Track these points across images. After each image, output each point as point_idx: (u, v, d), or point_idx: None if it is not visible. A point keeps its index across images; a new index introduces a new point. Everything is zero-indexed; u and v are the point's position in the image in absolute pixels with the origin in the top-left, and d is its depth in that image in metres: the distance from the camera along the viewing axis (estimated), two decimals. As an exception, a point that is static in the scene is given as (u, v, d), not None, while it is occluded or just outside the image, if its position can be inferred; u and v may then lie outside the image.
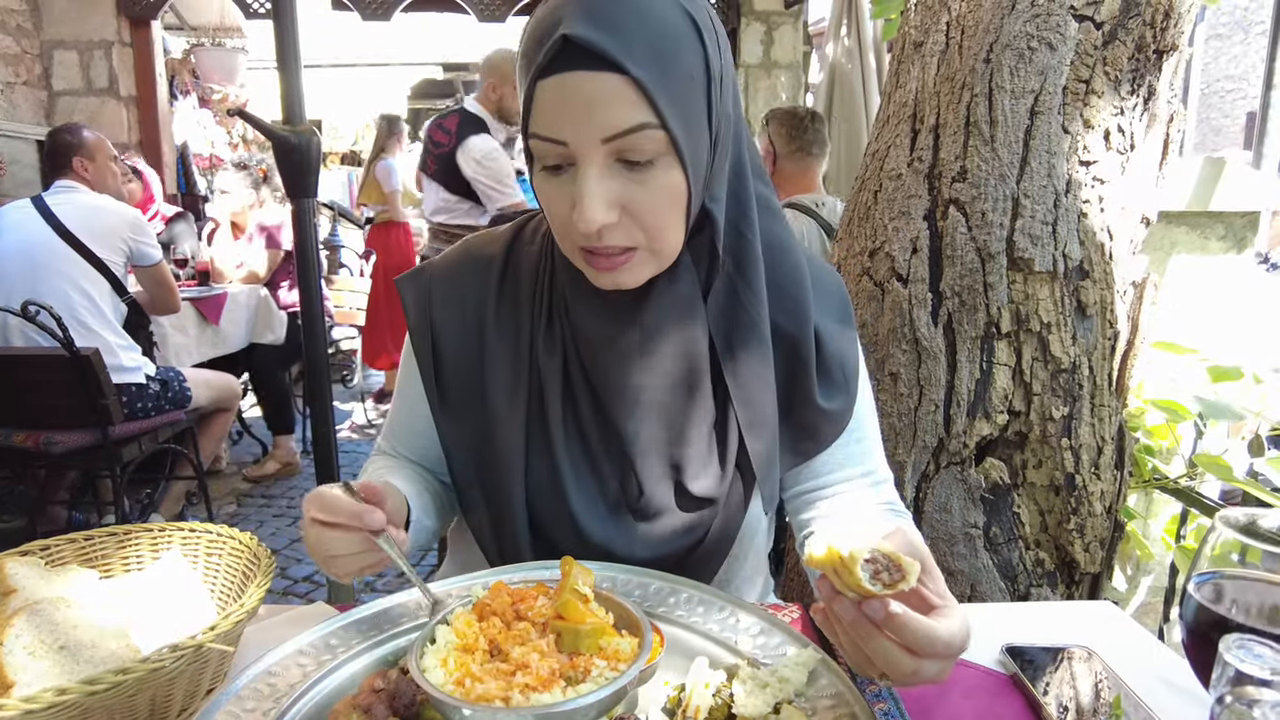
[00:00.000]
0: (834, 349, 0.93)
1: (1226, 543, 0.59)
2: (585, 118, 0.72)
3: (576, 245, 0.80)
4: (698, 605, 0.78)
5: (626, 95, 0.71)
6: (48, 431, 2.68)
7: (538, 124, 0.74)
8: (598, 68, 0.70)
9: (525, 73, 0.74)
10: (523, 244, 0.96)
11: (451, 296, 0.95)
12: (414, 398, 0.97)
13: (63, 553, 0.84)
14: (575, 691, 0.57)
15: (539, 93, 0.73)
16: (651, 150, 0.74)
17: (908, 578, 0.58)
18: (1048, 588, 1.47)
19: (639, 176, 0.75)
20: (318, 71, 10.31)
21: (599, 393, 0.88)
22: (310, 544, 0.74)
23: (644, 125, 0.72)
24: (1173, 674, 0.77)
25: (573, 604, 0.62)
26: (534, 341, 0.91)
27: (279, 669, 0.68)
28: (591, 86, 0.71)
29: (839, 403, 0.93)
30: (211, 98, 6.19)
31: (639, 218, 0.76)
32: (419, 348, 0.95)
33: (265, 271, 4.16)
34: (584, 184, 0.74)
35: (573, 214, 0.75)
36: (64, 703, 0.57)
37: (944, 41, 1.56)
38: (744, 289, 0.87)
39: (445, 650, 0.60)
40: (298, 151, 1.88)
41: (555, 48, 0.70)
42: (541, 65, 0.71)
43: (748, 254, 0.87)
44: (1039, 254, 1.42)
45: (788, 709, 0.62)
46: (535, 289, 0.93)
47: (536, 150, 0.76)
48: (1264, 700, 0.42)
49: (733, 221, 0.86)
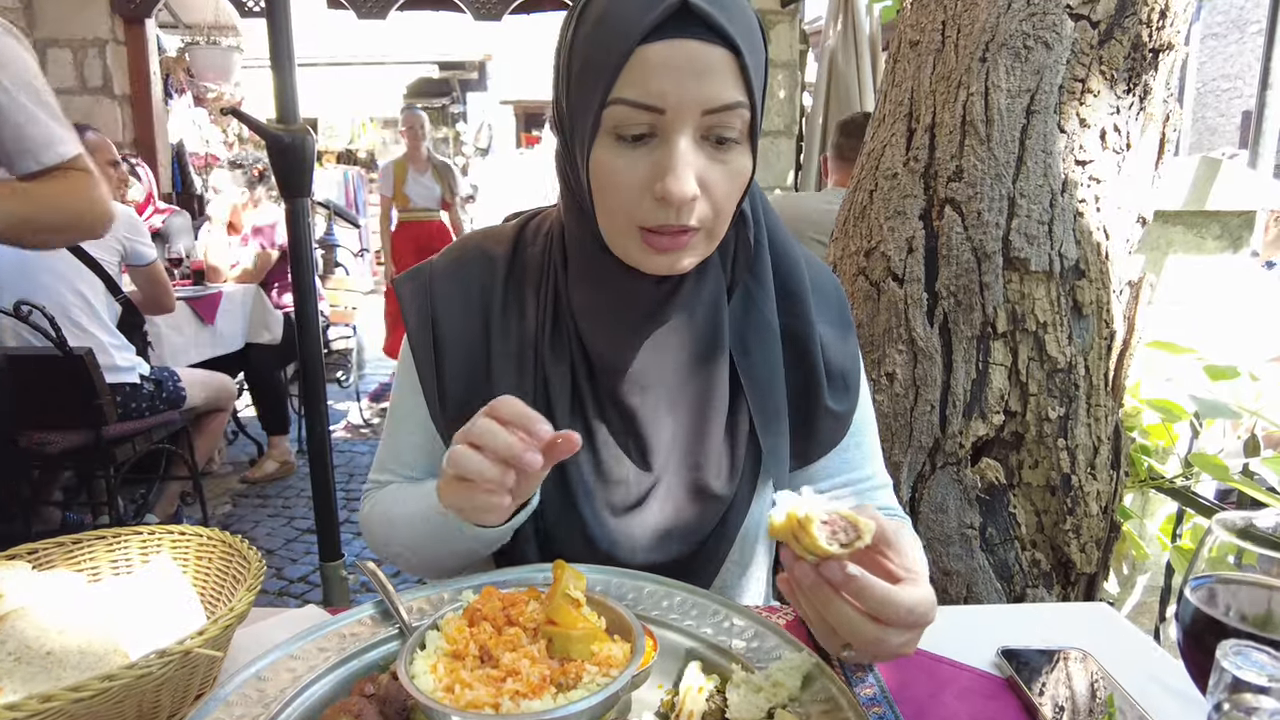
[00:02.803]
0: (835, 352, 0.93)
1: (1223, 546, 0.59)
2: (693, 86, 0.71)
3: (637, 223, 0.77)
4: (691, 609, 0.78)
5: (731, 70, 0.71)
6: (41, 432, 2.67)
7: (632, 89, 0.71)
8: (711, 39, 0.70)
9: (616, 34, 0.71)
10: (525, 244, 0.95)
11: (455, 294, 0.93)
12: (422, 415, 0.94)
13: (50, 556, 0.83)
14: (566, 698, 0.56)
15: (642, 55, 0.70)
16: (738, 129, 0.74)
17: (863, 536, 0.60)
18: (1044, 588, 1.47)
19: (721, 155, 0.75)
20: (313, 70, 10.27)
21: (615, 392, 0.87)
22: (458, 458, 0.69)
23: (739, 104, 0.73)
24: (1168, 676, 0.77)
25: (564, 609, 0.62)
26: (539, 346, 0.89)
27: (268, 674, 0.68)
28: (706, 56, 0.70)
29: (842, 406, 0.94)
30: (206, 96, 6.17)
31: (713, 198, 0.76)
32: (419, 347, 0.92)
33: (257, 270, 4.15)
34: (679, 154, 0.72)
35: (655, 186, 0.73)
36: (49, 710, 0.57)
37: (939, 40, 1.55)
38: (756, 288, 0.89)
39: (435, 656, 0.59)
40: (291, 151, 1.88)
41: (669, 11, 0.69)
42: (650, 28, 0.69)
43: (760, 258, 0.89)
44: (1035, 253, 1.42)
45: (781, 713, 0.62)
46: (539, 292, 0.91)
47: (619, 117, 0.73)
48: (1262, 708, 0.42)
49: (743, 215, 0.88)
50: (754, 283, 0.89)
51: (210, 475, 4.11)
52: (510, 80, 12.48)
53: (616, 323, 0.86)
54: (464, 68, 12.22)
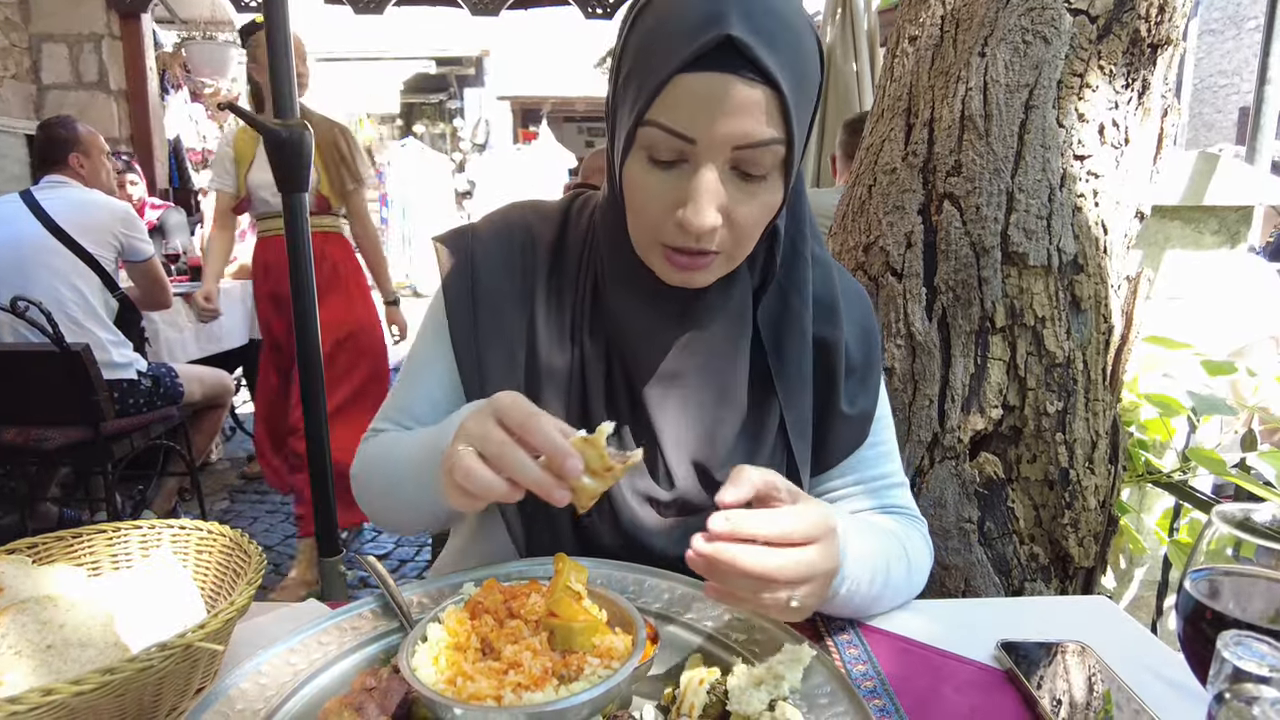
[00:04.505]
0: (859, 360, 0.95)
1: (1222, 538, 0.59)
2: (726, 122, 0.70)
3: (659, 241, 0.78)
4: (691, 602, 0.78)
5: (769, 108, 0.70)
6: (38, 428, 2.66)
7: (668, 115, 0.71)
8: (752, 76, 0.69)
9: (659, 56, 0.71)
10: (571, 222, 0.94)
11: (496, 254, 0.92)
12: (443, 369, 0.93)
13: (50, 551, 0.83)
14: (568, 690, 0.56)
15: (680, 84, 0.70)
16: (768, 165, 0.74)
17: (632, 457, 0.65)
18: (1042, 582, 1.47)
19: (748, 188, 0.75)
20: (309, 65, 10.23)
21: (634, 384, 0.88)
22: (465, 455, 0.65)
23: (773, 141, 0.72)
24: (1166, 668, 0.77)
25: (566, 601, 0.62)
26: (579, 325, 0.90)
27: (269, 668, 0.68)
28: (743, 94, 0.69)
29: (859, 411, 0.95)
30: (203, 92, 6.15)
31: (735, 227, 0.76)
32: (456, 300, 0.90)
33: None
34: (702, 186, 0.72)
35: (677, 212, 0.74)
36: (50, 703, 0.57)
37: (938, 35, 1.55)
38: (796, 300, 0.90)
39: (437, 648, 0.60)
40: (289, 146, 1.87)
41: (712, 44, 0.68)
42: (691, 58, 0.69)
43: (800, 269, 0.90)
44: (1033, 248, 1.42)
45: (782, 705, 0.62)
46: (579, 271, 0.91)
47: (652, 138, 0.73)
48: (1262, 697, 0.42)
49: (790, 236, 0.89)
50: (795, 295, 0.90)
51: (208, 471, 4.10)
52: (508, 76, 12.46)
53: (642, 318, 0.86)
54: (461, 63, 12.19)
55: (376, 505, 0.93)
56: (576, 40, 9.78)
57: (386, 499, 0.90)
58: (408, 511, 0.88)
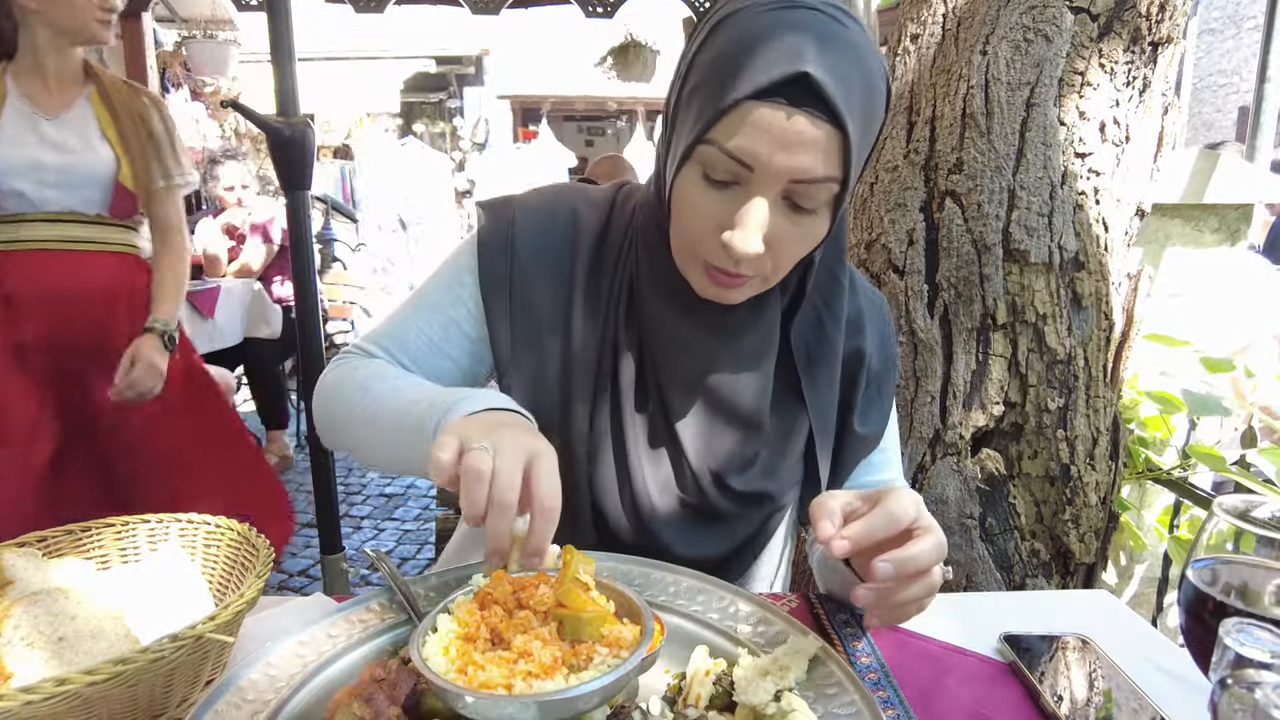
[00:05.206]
0: (877, 369, 0.97)
1: (1223, 530, 0.60)
2: (787, 156, 0.70)
3: (700, 256, 0.79)
4: (698, 594, 0.79)
5: (830, 148, 0.71)
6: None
7: (729, 138, 0.71)
8: (822, 114, 0.69)
9: (731, 78, 0.70)
10: (616, 212, 0.94)
11: (538, 237, 0.91)
12: (456, 318, 0.92)
13: (60, 544, 0.83)
14: (578, 679, 0.57)
15: (748, 111, 0.70)
16: (820, 201, 0.75)
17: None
18: (1043, 578, 1.48)
19: (796, 219, 0.75)
20: (310, 65, 10.22)
21: (663, 389, 0.89)
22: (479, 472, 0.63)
23: (829, 179, 0.73)
24: (1166, 661, 0.78)
25: (574, 592, 0.62)
26: (611, 319, 0.90)
27: (278, 660, 0.68)
28: (809, 131, 0.69)
29: (873, 430, 0.98)
30: (203, 91, 6.15)
31: (778, 255, 0.77)
32: (492, 280, 0.90)
33: (259, 265, 4.14)
34: (753, 214, 0.73)
35: (723, 234, 0.74)
36: (64, 693, 0.57)
37: (939, 33, 1.56)
38: (830, 322, 0.92)
39: (447, 639, 0.60)
40: (292, 144, 1.88)
41: (787, 78, 0.68)
42: (764, 87, 0.69)
43: (837, 294, 0.92)
44: (1035, 246, 1.43)
45: (788, 696, 0.62)
46: (618, 264, 0.91)
47: (709, 158, 0.73)
48: (1265, 682, 0.43)
49: (828, 263, 0.90)
50: (829, 317, 0.92)
51: (209, 470, 4.10)
52: (507, 75, 12.44)
53: (675, 326, 0.87)
54: (461, 62, 12.18)
55: (339, 426, 0.89)
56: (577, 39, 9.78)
57: (357, 427, 0.86)
58: (373, 450, 0.86)
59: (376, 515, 3.73)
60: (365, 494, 3.98)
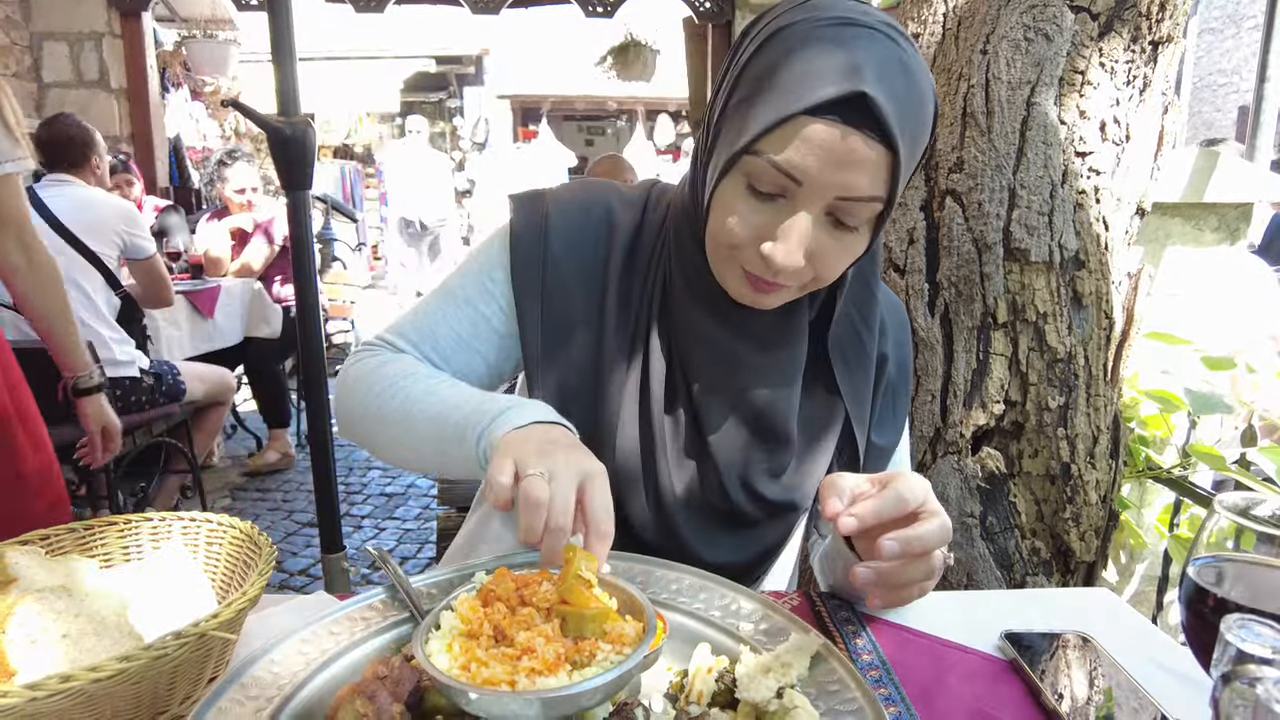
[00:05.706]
0: (894, 374, 0.98)
1: (1224, 528, 0.60)
2: (836, 174, 0.71)
3: (739, 263, 0.79)
4: (700, 591, 0.79)
5: (879, 168, 0.71)
6: (40, 425, 2.64)
7: (779, 150, 0.71)
8: (875, 135, 0.70)
9: (786, 92, 0.70)
10: (649, 211, 0.94)
11: (572, 234, 0.90)
12: (486, 314, 0.91)
13: (62, 542, 0.83)
14: (581, 675, 0.57)
15: (804, 127, 0.70)
16: (863, 218, 0.75)
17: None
18: (1043, 576, 1.48)
19: (839, 235, 0.76)
20: (310, 64, 10.21)
21: (694, 392, 0.89)
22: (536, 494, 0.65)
23: (875, 198, 0.73)
24: (1167, 658, 0.78)
25: (577, 589, 0.62)
26: (643, 320, 0.89)
27: (281, 657, 0.68)
28: (860, 150, 0.70)
29: (889, 441, 0.98)
30: (203, 90, 6.15)
31: (818, 267, 0.78)
32: (525, 277, 0.89)
33: (260, 265, 4.14)
34: (797, 228, 0.73)
35: (764, 244, 0.75)
36: (68, 690, 0.57)
37: (940, 32, 1.56)
38: (865, 332, 0.93)
39: (450, 636, 0.60)
40: (293, 143, 1.87)
41: (846, 96, 0.68)
42: (820, 103, 0.69)
43: (871, 306, 0.93)
44: (1035, 244, 1.43)
45: (790, 693, 0.62)
46: (651, 264, 0.91)
47: (756, 168, 0.73)
48: (1266, 678, 0.43)
49: (863, 275, 0.91)
50: (864, 328, 0.93)
51: (209, 469, 4.11)
52: (507, 75, 12.44)
53: (708, 330, 0.87)
54: (461, 62, 12.18)
55: (364, 421, 0.88)
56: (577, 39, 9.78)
57: (387, 425, 0.86)
58: (402, 450, 0.86)
59: (377, 514, 3.73)
60: (366, 493, 3.99)
